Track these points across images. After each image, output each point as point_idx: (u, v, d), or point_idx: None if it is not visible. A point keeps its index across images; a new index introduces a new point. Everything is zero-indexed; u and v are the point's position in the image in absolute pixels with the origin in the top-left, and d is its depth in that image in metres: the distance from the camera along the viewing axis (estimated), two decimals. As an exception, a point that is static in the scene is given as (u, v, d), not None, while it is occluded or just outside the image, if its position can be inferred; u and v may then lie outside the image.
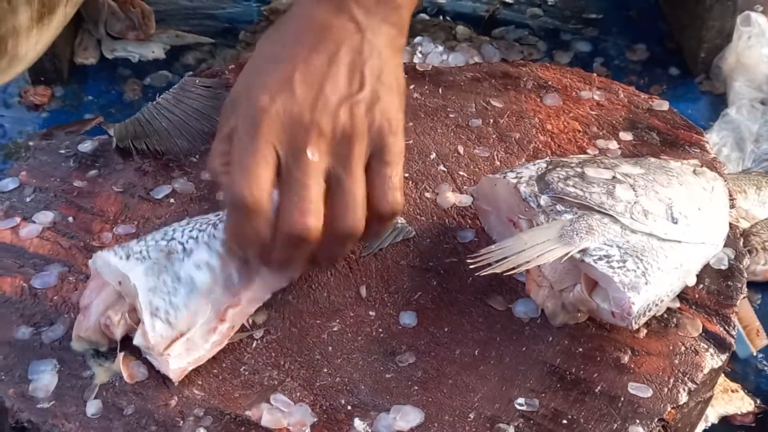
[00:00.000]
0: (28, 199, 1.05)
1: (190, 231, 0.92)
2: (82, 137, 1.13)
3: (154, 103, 1.13)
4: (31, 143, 1.40)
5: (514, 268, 0.88)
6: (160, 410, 0.86)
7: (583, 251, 0.88)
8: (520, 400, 0.87)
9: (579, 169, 0.95)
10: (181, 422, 0.85)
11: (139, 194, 1.05)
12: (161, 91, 1.16)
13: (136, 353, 0.89)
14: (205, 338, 0.89)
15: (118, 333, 0.89)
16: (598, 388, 0.88)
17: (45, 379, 0.88)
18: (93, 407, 0.86)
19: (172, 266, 0.89)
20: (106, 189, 1.06)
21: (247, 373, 0.89)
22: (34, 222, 1.02)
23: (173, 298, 0.88)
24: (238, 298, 0.91)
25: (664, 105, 1.16)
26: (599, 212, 0.91)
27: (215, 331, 0.90)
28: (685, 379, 0.89)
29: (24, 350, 0.90)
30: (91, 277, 0.92)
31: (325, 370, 0.90)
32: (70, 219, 1.03)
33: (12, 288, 0.96)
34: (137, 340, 0.88)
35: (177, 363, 0.87)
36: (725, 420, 1.11)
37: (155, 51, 1.58)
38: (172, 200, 1.05)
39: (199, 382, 0.88)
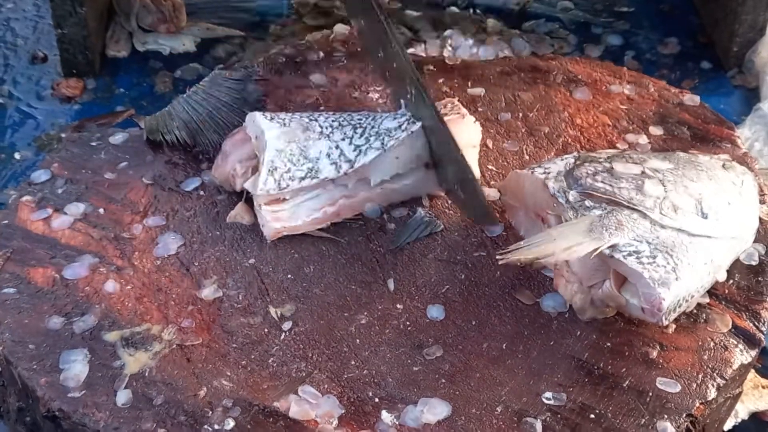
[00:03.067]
0: (59, 191, 1.06)
1: (333, 121, 1.02)
2: (114, 129, 1.14)
3: (185, 96, 1.14)
4: (63, 135, 1.41)
5: (542, 262, 0.88)
6: (189, 401, 0.87)
7: (613, 247, 0.88)
8: (548, 394, 0.87)
9: (607, 165, 0.95)
10: (210, 412, 0.86)
11: (169, 186, 1.06)
12: (192, 84, 1.17)
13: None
14: (308, 213, 0.99)
15: (239, 183, 1.01)
16: (626, 382, 0.88)
17: (76, 368, 0.89)
18: (123, 397, 0.87)
19: (303, 140, 0.99)
20: (137, 181, 1.07)
21: (275, 364, 0.90)
22: (65, 213, 1.03)
23: (293, 166, 0.98)
24: (355, 192, 1.00)
25: (695, 99, 1.15)
26: (628, 208, 0.91)
27: (320, 210, 0.99)
28: (714, 374, 0.89)
29: (55, 340, 0.91)
30: (238, 130, 1.04)
31: (353, 362, 0.90)
32: (101, 210, 1.03)
33: (44, 278, 0.97)
34: (247, 184, 0.99)
35: (274, 223, 0.98)
36: (755, 416, 1.10)
37: (186, 44, 1.59)
38: (201, 192, 1.05)
39: (228, 373, 0.89)
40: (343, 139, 1.00)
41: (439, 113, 0.98)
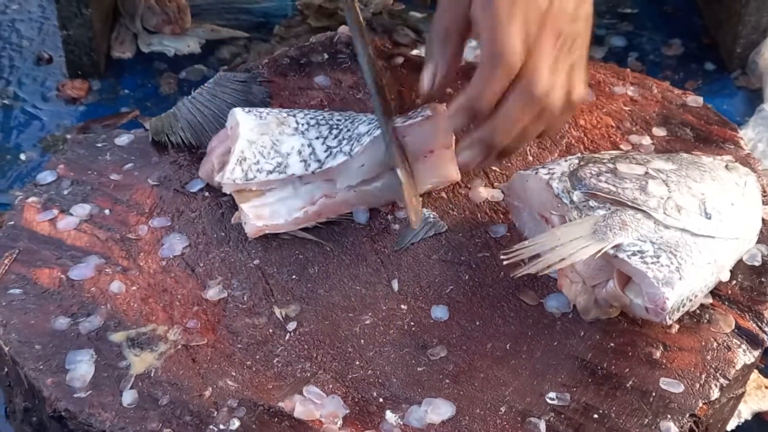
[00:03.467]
0: (65, 192, 1.06)
1: (311, 118, 1.02)
2: (119, 131, 1.15)
3: (190, 97, 1.14)
4: (68, 136, 1.42)
5: (547, 268, 0.88)
6: (194, 401, 0.87)
7: (617, 247, 0.88)
8: (552, 394, 0.88)
9: (611, 165, 0.95)
10: (215, 413, 0.86)
11: (174, 187, 1.06)
12: (196, 85, 1.17)
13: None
14: (289, 212, 0.99)
15: (216, 177, 1.02)
16: (630, 383, 0.88)
17: (82, 369, 0.89)
18: (129, 397, 0.87)
19: (277, 134, 1.00)
20: (142, 182, 1.07)
21: (280, 365, 0.90)
22: (71, 214, 1.03)
23: (262, 159, 0.98)
24: (334, 192, 1.00)
25: (698, 101, 1.16)
26: (632, 208, 0.91)
27: (301, 210, 0.99)
28: (717, 374, 0.89)
29: (62, 340, 0.92)
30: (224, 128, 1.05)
31: (357, 362, 0.90)
32: (107, 212, 1.04)
33: (50, 279, 0.97)
34: (218, 175, 1.00)
35: (256, 221, 0.99)
36: (758, 416, 1.11)
37: (191, 45, 1.60)
38: (206, 193, 1.06)
39: (233, 374, 0.89)
40: (317, 138, 1.01)
41: (386, 115, 0.99)
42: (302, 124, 1.02)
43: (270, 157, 0.99)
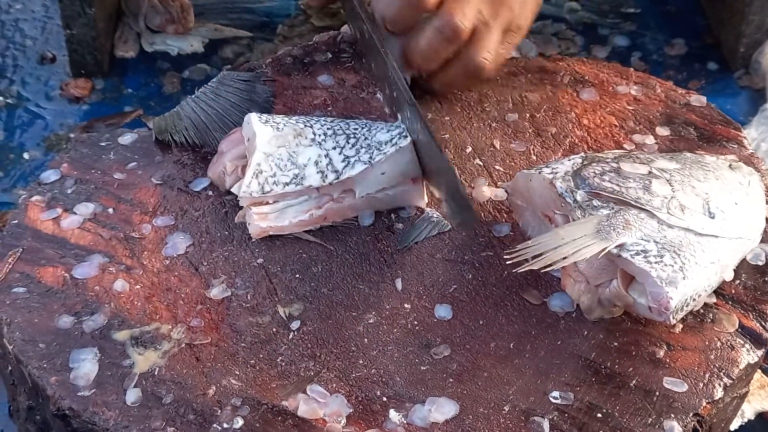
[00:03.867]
0: (69, 191, 1.06)
1: (328, 128, 1.02)
2: (122, 130, 1.15)
3: (193, 96, 1.14)
4: (72, 135, 1.42)
5: (550, 265, 0.88)
6: (198, 399, 0.87)
7: (620, 246, 0.88)
8: (555, 393, 0.88)
9: (614, 164, 0.95)
10: (219, 411, 0.86)
11: (178, 186, 1.07)
12: (200, 84, 1.17)
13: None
14: (295, 215, 1.00)
15: (228, 182, 1.02)
16: (633, 382, 0.88)
17: (86, 367, 0.89)
18: (132, 396, 0.87)
19: (294, 146, 1.00)
20: (146, 181, 1.07)
21: (283, 363, 0.90)
22: (75, 213, 1.03)
23: (279, 171, 0.98)
24: (341, 197, 1.00)
25: (701, 100, 1.16)
26: (636, 207, 0.91)
27: (307, 213, 1.00)
28: (721, 374, 0.89)
29: (65, 339, 0.92)
30: (235, 130, 1.05)
31: (361, 361, 0.91)
32: (111, 210, 1.04)
33: (54, 278, 0.97)
34: (234, 187, 1.01)
35: (260, 222, 0.99)
36: (762, 416, 1.11)
37: (194, 44, 1.60)
38: (210, 192, 1.06)
39: (237, 372, 0.89)
40: (334, 148, 1.00)
41: (431, 130, 0.99)
42: (319, 135, 1.01)
43: (287, 169, 0.99)
